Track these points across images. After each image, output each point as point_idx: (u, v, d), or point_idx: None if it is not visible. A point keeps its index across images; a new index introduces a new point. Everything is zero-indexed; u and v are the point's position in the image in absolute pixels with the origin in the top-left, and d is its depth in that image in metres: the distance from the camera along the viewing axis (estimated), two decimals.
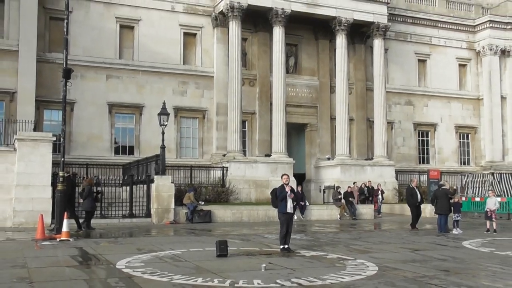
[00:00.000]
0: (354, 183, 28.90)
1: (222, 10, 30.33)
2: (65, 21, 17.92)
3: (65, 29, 17.88)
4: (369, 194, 28.58)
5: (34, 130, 24.18)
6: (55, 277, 9.63)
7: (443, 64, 38.27)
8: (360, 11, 32.42)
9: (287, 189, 13.20)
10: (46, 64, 27.07)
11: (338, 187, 28.43)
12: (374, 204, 28.09)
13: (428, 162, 36.94)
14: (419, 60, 37.66)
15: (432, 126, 37.52)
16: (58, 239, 15.23)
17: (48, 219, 17.92)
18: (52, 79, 26.27)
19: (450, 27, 38.47)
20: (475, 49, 39.15)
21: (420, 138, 37.28)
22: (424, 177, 33.15)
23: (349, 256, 12.64)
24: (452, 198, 20.34)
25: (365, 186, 28.74)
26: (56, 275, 9.91)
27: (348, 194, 27.26)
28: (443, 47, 38.37)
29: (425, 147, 37.42)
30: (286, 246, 13.21)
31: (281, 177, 13.64)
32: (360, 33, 33.86)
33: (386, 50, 34.52)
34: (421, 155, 37.15)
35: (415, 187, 20.93)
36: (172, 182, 22.91)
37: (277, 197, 13.29)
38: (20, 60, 26.00)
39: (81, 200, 19.22)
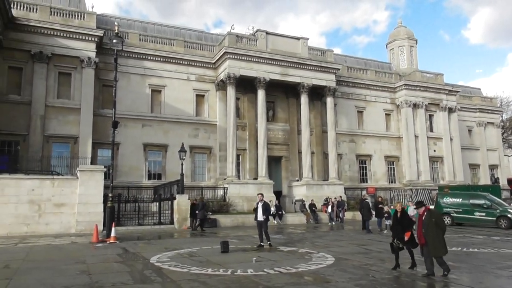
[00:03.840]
0: (335, 198, 27.33)
1: (222, 79, 30.66)
2: (114, 88, 18.08)
3: (113, 93, 18.02)
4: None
5: (91, 163, 24.05)
6: (106, 270, 9.48)
7: (375, 113, 38.76)
8: (317, 79, 32.91)
9: (256, 205, 13.75)
10: (99, 117, 27.00)
11: (303, 200, 28.37)
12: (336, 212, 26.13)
13: (366, 182, 36.95)
14: (358, 111, 38.06)
15: (368, 157, 37.70)
16: (108, 242, 14.98)
17: (101, 227, 17.58)
18: (104, 127, 26.17)
19: (378, 88, 39.09)
20: (396, 104, 39.72)
21: (361, 165, 37.35)
22: (364, 192, 33.39)
23: (314, 250, 12.57)
24: (383, 207, 20.35)
25: (335, 199, 26.88)
26: (107, 268, 9.76)
27: (312, 205, 27.16)
28: (374, 102, 38.91)
29: (364, 171, 37.46)
30: (261, 243, 13.28)
31: (257, 196, 14.09)
32: (317, 93, 34.23)
33: (335, 104, 34.88)
34: (361, 177, 37.17)
35: (367, 200, 20.98)
36: (188, 199, 22.77)
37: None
38: (81, 115, 25.93)
39: (197, 211, 20.95)
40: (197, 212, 21.07)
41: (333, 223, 25.32)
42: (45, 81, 25.37)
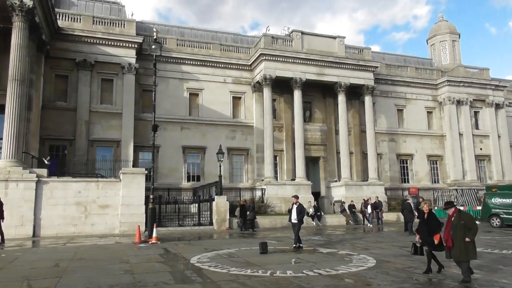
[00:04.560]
0: (376, 197, 26.73)
1: (258, 81, 30.77)
2: (153, 92, 18.58)
3: (153, 98, 18.51)
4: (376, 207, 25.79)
5: (133, 166, 24.76)
6: (149, 270, 9.71)
7: (416, 111, 37.56)
8: (354, 77, 32.35)
9: (290, 206, 13.56)
10: (140, 121, 27.78)
11: (342, 201, 27.93)
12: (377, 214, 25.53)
13: (408, 182, 35.82)
14: (398, 110, 36.99)
15: (409, 156, 36.55)
16: (150, 242, 15.35)
17: (143, 228, 18.05)
18: (145, 131, 26.91)
19: (419, 86, 37.86)
20: (438, 101, 38.33)
21: (402, 165, 36.25)
22: (406, 192, 32.54)
23: (354, 252, 12.33)
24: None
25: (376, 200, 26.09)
26: (149, 268, 9.99)
27: (351, 206, 26.69)
28: (415, 100, 37.72)
29: (406, 171, 36.32)
30: (299, 245, 13.09)
31: (292, 198, 13.97)
32: (355, 92, 33.60)
33: (374, 103, 34.05)
34: (402, 177, 36.08)
35: (408, 201, 20.41)
36: (227, 200, 22.96)
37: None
38: (123, 119, 26.81)
39: (248, 212, 21.85)
40: (248, 213, 21.65)
41: (370, 225, 24.69)
42: (89, 88, 26.47)
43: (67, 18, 26.89)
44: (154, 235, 15.67)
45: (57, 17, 25.75)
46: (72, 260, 11.22)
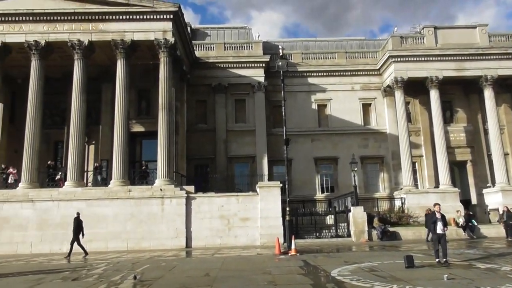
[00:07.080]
0: None
1: (388, 84, 29.34)
2: (283, 107, 19.10)
3: (283, 112, 19.03)
4: None
5: (268, 179, 25.70)
6: (290, 282, 9.79)
7: None
8: (503, 68, 28.42)
9: (437, 215, 11.96)
10: (272, 136, 28.80)
11: (503, 210, 24.39)
12: None
13: None
14: None
15: None
16: (289, 254, 15.56)
17: (281, 240, 18.40)
18: (277, 145, 27.73)
19: None
20: None
21: None
22: None
23: None
24: None
25: None
26: (291, 280, 10.06)
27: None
28: None
29: None
30: (441, 260, 11.52)
31: (434, 206, 12.46)
32: (506, 84, 29.50)
33: None
34: None
35: None
36: (364, 211, 22.15)
37: (428, 221, 12.40)
38: (256, 135, 28.23)
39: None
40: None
41: None
42: (224, 109, 28.63)
43: (202, 48, 29.69)
44: (293, 246, 15.85)
45: (194, 48, 28.61)
46: (220, 270, 12.01)
